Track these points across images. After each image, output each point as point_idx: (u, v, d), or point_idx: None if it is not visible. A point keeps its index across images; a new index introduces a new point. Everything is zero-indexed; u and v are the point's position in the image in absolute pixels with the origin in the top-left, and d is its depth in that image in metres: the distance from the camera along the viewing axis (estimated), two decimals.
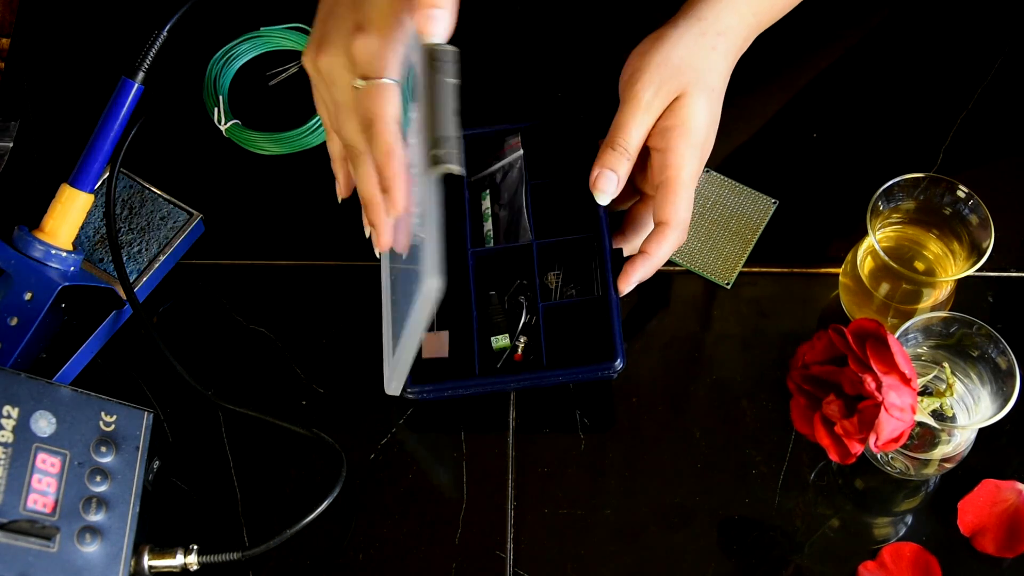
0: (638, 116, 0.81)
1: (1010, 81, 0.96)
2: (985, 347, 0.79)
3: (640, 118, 0.81)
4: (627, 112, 0.81)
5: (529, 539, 0.81)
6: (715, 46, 0.82)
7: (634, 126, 0.81)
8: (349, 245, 0.90)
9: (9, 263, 0.84)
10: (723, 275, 0.90)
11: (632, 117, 0.81)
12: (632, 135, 0.81)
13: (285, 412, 0.85)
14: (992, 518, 0.81)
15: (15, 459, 0.74)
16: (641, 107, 0.81)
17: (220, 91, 0.95)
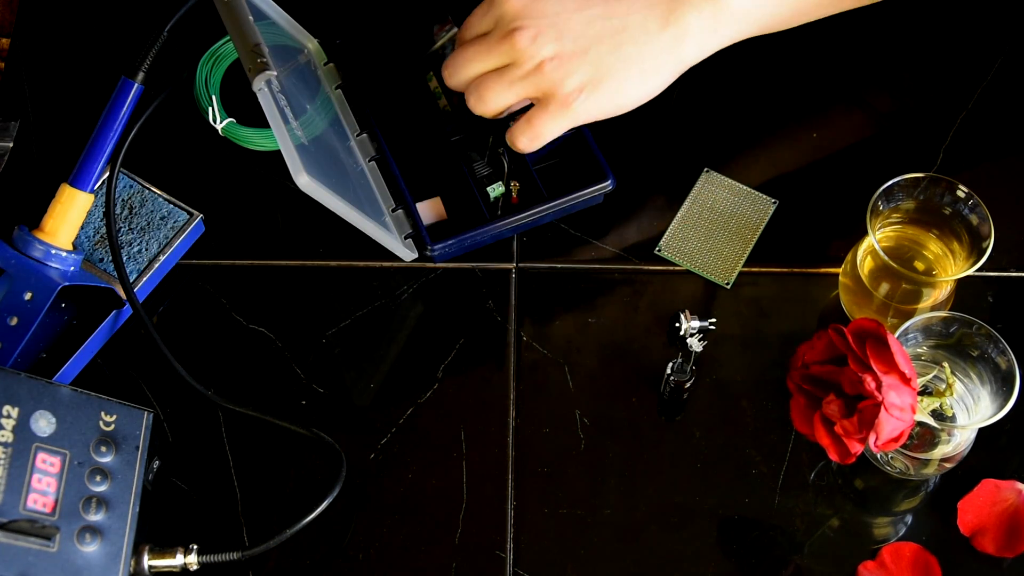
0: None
1: (1010, 81, 0.97)
2: (985, 347, 0.79)
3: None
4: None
5: (529, 539, 0.81)
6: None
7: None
8: (349, 245, 0.90)
9: (9, 263, 0.84)
10: (723, 275, 0.90)
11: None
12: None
13: (285, 412, 0.85)
14: (992, 518, 0.81)
15: (15, 459, 0.74)
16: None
17: (212, 90, 0.95)
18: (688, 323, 0.86)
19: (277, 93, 0.83)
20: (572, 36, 0.81)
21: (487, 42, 0.82)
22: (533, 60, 0.81)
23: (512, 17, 0.81)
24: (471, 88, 0.84)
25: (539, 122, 0.83)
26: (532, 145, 0.84)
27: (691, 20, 0.82)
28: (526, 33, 0.80)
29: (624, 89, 0.83)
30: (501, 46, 0.82)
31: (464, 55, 0.83)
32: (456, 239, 0.88)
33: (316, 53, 0.95)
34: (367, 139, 0.92)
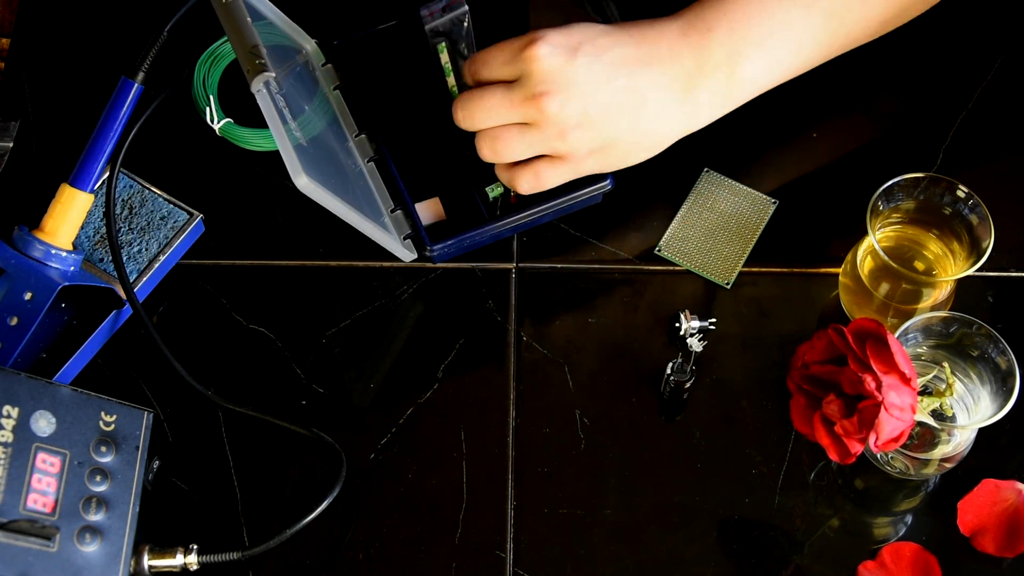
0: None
1: (1010, 81, 0.97)
2: (985, 347, 0.79)
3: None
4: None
5: (529, 539, 0.81)
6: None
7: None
8: (349, 245, 0.90)
9: (9, 263, 0.84)
10: (723, 275, 0.90)
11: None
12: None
13: (285, 412, 0.85)
14: (992, 518, 0.81)
15: (15, 459, 0.74)
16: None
17: (210, 91, 0.95)
18: (688, 323, 0.86)
19: (275, 94, 0.83)
20: (597, 107, 0.80)
21: (511, 97, 0.80)
22: (557, 127, 0.80)
23: (541, 79, 0.79)
24: (486, 137, 0.82)
25: (546, 175, 0.83)
26: (532, 191, 0.84)
27: (705, 94, 0.82)
28: (555, 99, 0.79)
29: (632, 154, 0.84)
30: (527, 107, 0.80)
31: (484, 103, 0.81)
32: (455, 239, 0.88)
33: (314, 54, 0.95)
34: (366, 140, 0.92)
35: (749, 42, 0.82)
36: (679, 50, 0.81)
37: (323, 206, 0.81)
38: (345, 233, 0.86)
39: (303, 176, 0.79)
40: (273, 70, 0.83)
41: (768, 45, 0.82)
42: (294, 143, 0.81)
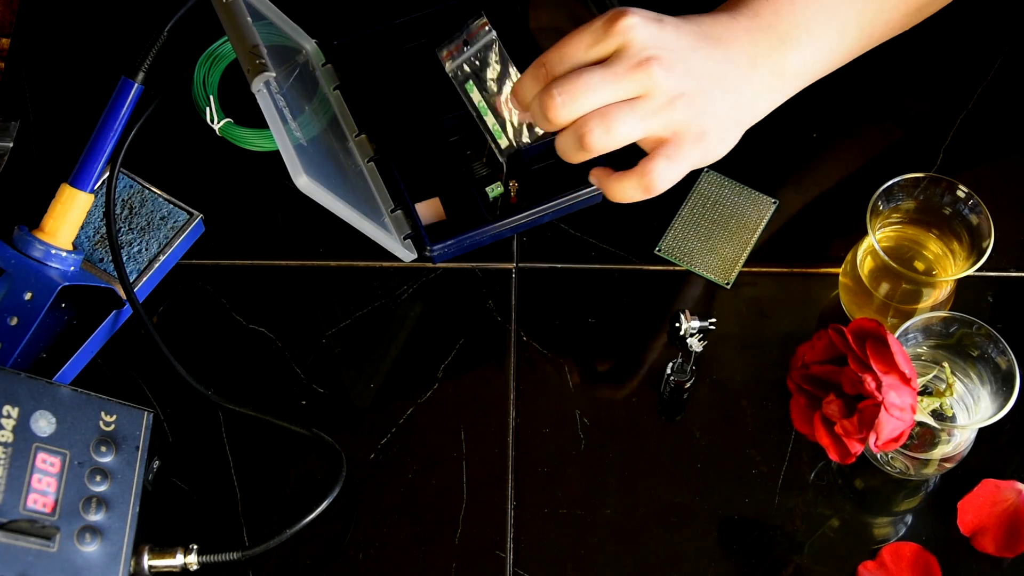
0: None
1: (1010, 81, 0.97)
2: (985, 347, 0.79)
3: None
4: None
5: (529, 539, 0.81)
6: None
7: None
8: (349, 245, 0.90)
9: (9, 263, 0.84)
10: (723, 275, 0.90)
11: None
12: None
13: (285, 412, 0.85)
14: (992, 518, 0.81)
15: (15, 459, 0.74)
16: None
17: (210, 90, 0.95)
18: (688, 323, 0.86)
19: (275, 94, 0.83)
20: (696, 74, 0.76)
21: (614, 70, 0.74)
22: (667, 94, 0.74)
23: (642, 46, 0.74)
24: (594, 119, 0.74)
25: (658, 170, 0.76)
26: (645, 196, 0.77)
27: (764, 75, 0.80)
28: (661, 64, 0.74)
29: (726, 134, 0.79)
30: (634, 75, 0.73)
31: (585, 82, 0.73)
32: (455, 239, 0.88)
33: (314, 54, 0.95)
34: (365, 140, 0.92)
35: (796, 24, 0.79)
36: (735, 32, 0.79)
37: (323, 206, 0.81)
38: (345, 233, 0.86)
39: (303, 176, 0.79)
40: (273, 70, 0.83)
41: (814, 30, 0.80)
42: (294, 143, 0.81)
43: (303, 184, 0.79)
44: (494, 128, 0.84)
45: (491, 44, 0.83)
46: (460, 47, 0.82)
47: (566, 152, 0.76)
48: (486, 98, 0.84)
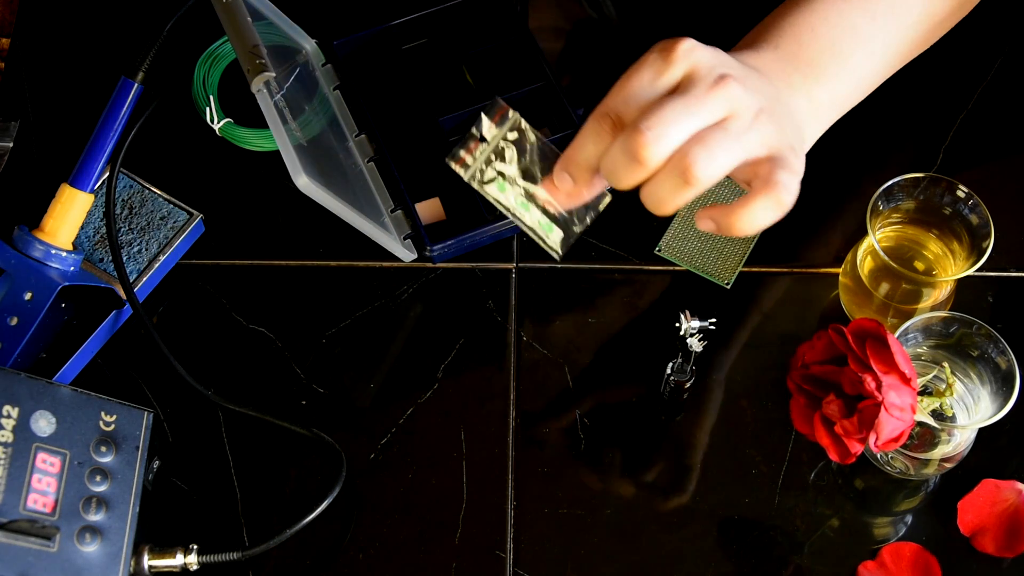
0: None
1: (1010, 81, 0.97)
2: (985, 347, 0.79)
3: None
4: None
5: (529, 539, 0.81)
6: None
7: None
8: (349, 245, 0.90)
9: (9, 263, 0.84)
10: (723, 275, 0.90)
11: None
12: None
13: (285, 412, 0.85)
14: (992, 518, 0.81)
15: (15, 459, 0.74)
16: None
17: (210, 90, 0.95)
18: (688, 323, 0.86)
19: (275, 94, 0.83)
20: (761, 93, 0.70)
21: (693, 93, 0.66)
22: (751, 109, 0.68)
23: (710, 66, 0.68)
24: (694, 148, 0.65)
25: (782, 178, 0.68)
26: (778, 214, 0.69)
27: (802, 103, 0.76)
28: (737, 80, 0.67)
29: (801, 161, 0.73)
30: (716, 94, 0.66)
31: (671, 110, 0.65)
32: (455, 239, 0.88)
33: (314, 54, 0.95)
34: (365, 140, 0.92)
35: (822, 50, 0.77)
36: (765, 62, 0.75)
37: (323, 206, 0.81)
38: (345, 233, 0.86)
39: (303, 176, 0.79)
40: (273, 70, 0.83)
41: (841, 52, 0.77)
42: (294, 143, 0.81)
43: (303, 184, 0.79)
44: (540, 226, 0.72)
45: (516, 129, 0.70)
46: (475, 147, 0.70)
47: (664, 198, 0.66)
48: (521, 193, 0.71)
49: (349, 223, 0.83)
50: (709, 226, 0.69)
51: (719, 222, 0.69)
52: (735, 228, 0.68)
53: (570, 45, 1.00)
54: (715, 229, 0.69)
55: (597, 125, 0.68)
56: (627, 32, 1.00)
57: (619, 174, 0.66)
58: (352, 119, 0.93)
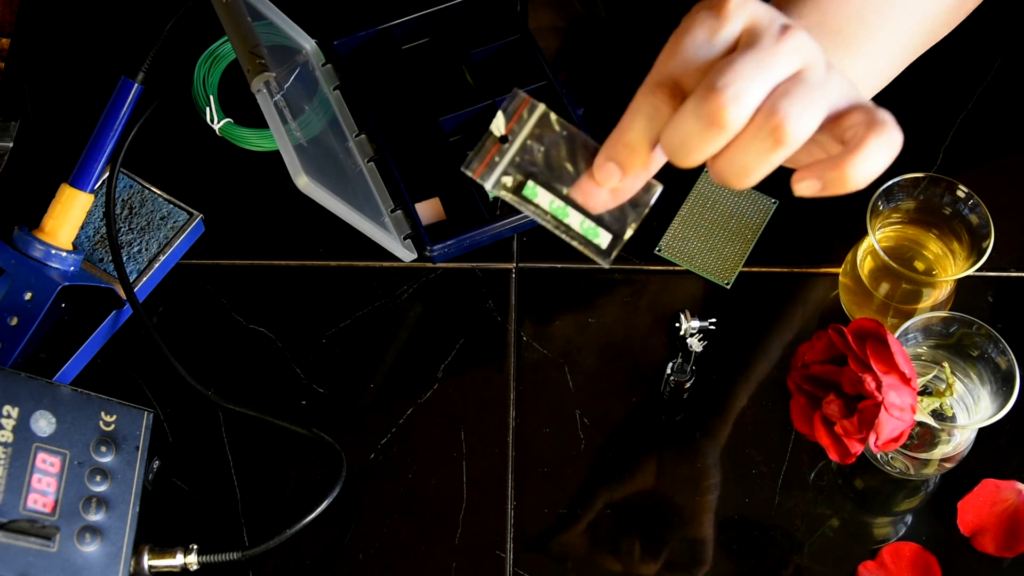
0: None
1: (1010, 81, 0.96)
2: (985, 347, 0.79)
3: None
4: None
5: (529, 539, 0.81)
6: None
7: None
8: (349, 245, 0.90)
9: (9, 263, 0.84)
10: (723, 275, 0.90)
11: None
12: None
13: (285, 412, 0.85)
14: (992, 518, 0.81)
15: (15, 459, 0.74)
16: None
17: (210, 90, 0.95)
18: (688, 323, 0.86)
19: (275, 94, 0.83)
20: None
21: (762, 46, 0.58)
22: (822, 58, 0.60)
23: (771, 15, 0.59)
24: (779, 105, 0.57)
25: (886, 116, 0.61)
26: (893, 154, 0.62)
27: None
28: (800, 28, 0.59)
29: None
30: (786, 44, 0.58)
31: (743, 65, 0.57)
32: (455, 239, 0.88)
33: (314, 54, 0.95)
34: (365, 140, 0.92)
35: (848, 19, 0.72)
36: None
37: (323, 206, 0.81)
38: (345, 233, 0.86)
39: (303, 176, 0.79)
40: (273, 70, 0.83)
41: (867, 22, 0.72)
42: (294, 143, 0.81)
43: (303, 184, 0.79)
44: (585, 230, 0.61)
45: (542, 122, 0.60)
46: (495, 150, 0.60)
47: (749, 166, 0.58)
48: (558, 195, 0.61)
49: (349, 223, 0.83)
50: (812, 188, 0.60)
51: (827, 178, 0.59)
52: (848, 180, 0.59)
53: (565, 44, 1.00)
54: (819, 190, 0.60)
55: (650, 97, 0.58)
56: (617, 32, 1.00)
57: (691, 146, 0.57)
58: (352, 119, 0.93)
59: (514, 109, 0.60)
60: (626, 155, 0.59)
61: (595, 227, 0.61)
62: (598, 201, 0.60)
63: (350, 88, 0.94)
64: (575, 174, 0.60)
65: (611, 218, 0.61)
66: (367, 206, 0.86)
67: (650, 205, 0.61)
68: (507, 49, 0.96)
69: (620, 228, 0.61)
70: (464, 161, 0.60)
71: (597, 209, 0.60)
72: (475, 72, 0.94)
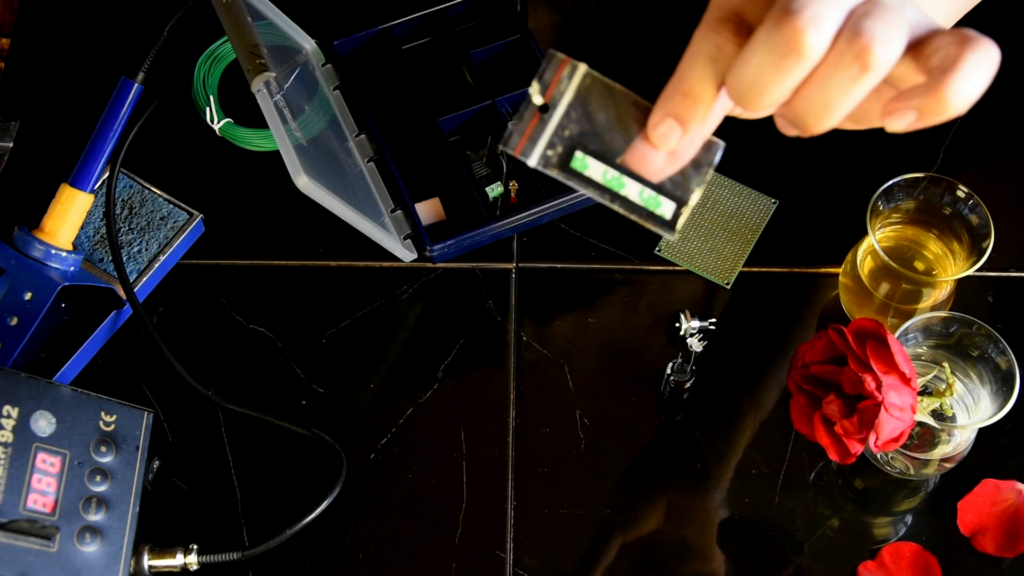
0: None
1: (1010, 81, 0.96)
2: (985, 347, 0.79)
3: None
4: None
5: (529, 539, 0.81)
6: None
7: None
8: (349, 245, 0.90)
9: (9, 263, 0.84)
10: (723, 275, 0.90)
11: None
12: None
13: (285, 412, 0.85)
14: (992, 518, 0.81)
15: (15, 459, 0.74)
16: None
17: (210, 90, 0.95)
18: (688, 323, 0.86)
19: (275, 94, 0.83)
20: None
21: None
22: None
23: None
24: (862, 26, 0.50)
25: (978, 35, 0.56)
26: (993, 71, 0.58)
27: None
28: None
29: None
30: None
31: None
32: (455, 239, 0.88)
33: (314, 54, 0.95)
34: (365, 140, 0.92)
35: None
36: None
37: (323, 206, 0.81)
38: (345, 233, 0.86)
39: (303, 176, 0.79)
40: (273, 70, 0.83)
41: None
42: (294, 143, 0.81)
43: (303, 184, 0.79)
44: (645, 201, 0.54)
45: (586, 84, 0.53)
46: (535, 121, 0.53)
47: (834, 98, 0.51)
48: (611, 164, 0.54)
49: (349, 223, 0.83)
50: (906, 120, 0.54)
51: (923, 106, 0.54)
52: (948, 103, 0.54)
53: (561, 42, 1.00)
54: (914, 121, 0.54)
55: (712, 35, 0.51)
56: (611, 29, 1.00)
57: (765, 82, 0.50)
58: (352, 119, 0.93)
59: (552, 72, 0.53)
60: (687, 106, 0.51)
61: (656, 196, 0.54)
62: (656, 166, 0.53)
63: (350, 88, 0.94)
64: (628, 138, 0.53)
65: (672, 184, 0.54)
66: (367, 206, 0.86)
67: (714, 164, 0.54)
68: (507, 49, 0.96)
69: (683, 194, 0.54)
70: (502, 137, 0.54)
71: (655, 176, 0.53)
72: (475, 72, 0.94)
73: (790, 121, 0.53)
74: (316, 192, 0.80)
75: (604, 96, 0.53)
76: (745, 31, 0.51)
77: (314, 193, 0.80)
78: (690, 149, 0.53)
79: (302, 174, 0.78)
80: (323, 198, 0.80)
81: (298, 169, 0.79)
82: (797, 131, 0.54)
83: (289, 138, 0.80)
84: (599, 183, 0.53)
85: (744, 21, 0.51)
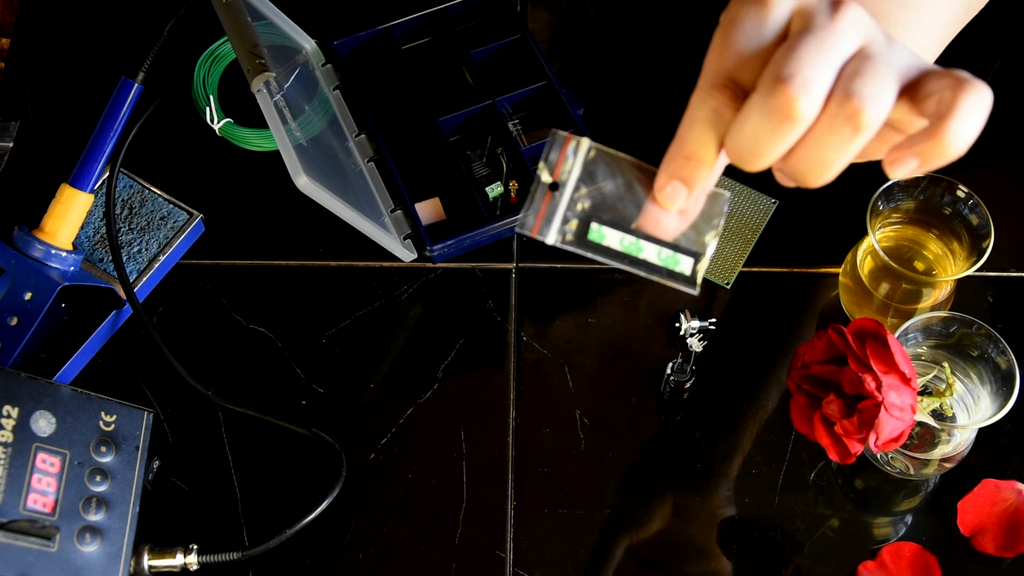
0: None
1: (1010, 81, 0.96)
2: (985, 347, 0.79)
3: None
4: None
5: (529, 539, 0.81)
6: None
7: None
8: (349, 245, 0.90)
9: (9, 263, 0.84)
10: (723, 275, 0.90)
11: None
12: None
13: (285, 412, 0.85)
14: (992, 518, 0.81)
15: (15, 459, 0.74)
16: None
17: (210, 90, 0.95)
18: (688, 323, 0.86)
19: (275, 94, 0.83)
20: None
21: (818, 25, 0.53)
22: (880, 31, 0.55)
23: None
24: (852, 87, 0.52)
25: (971, 78, 0.55)
26: (986, 115, 0.57)
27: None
28: (853, 3, 0.54)
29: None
30: (843, 22, 0.53)
31: (805, 52, 0.52)
32: (455, 239, 0.88)
33: (314, 54, 0.95)
34: (365, 140, 0.92)
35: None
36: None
37: (323, 206, 0.81)
38: (345, 233, 0.86)
39: (303, 176, 0.79)
40: (273, 70, 0.83)
41: (906, 5, 0.69)
42: (294, 143, 0.81)
43: (303, 184, 0.79)
44: (664, 261, 0.56)
45: (591, 157, 0.56)
46: (547, 200, 0.55)
47: (829, 158, 0.55)
48: (626, 231, 0.56)
49: (349, 223, 0.83)
50: (909, 167, 0.56)
51: (924, 152, 0.56)
52: (948, 148, 0.56)
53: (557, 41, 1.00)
54: (917, 167, 0.56)
55: (708, 100, 0.54)
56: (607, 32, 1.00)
57: (762, 145, 0.52)
58: (352, 119, 0.93)
59: (558, 151, 0.55)
60: (691, 168, 0.54)
61: (674, 254, 0.56)
62: (668, 226, 0.56)
63: (350, 88, 0.94)
64: (638, 204, 0.55)
65: (687, 240, 0.56)
66: (367, 206, 0.86)
67: (725, 215, 0.56)
68: (507, 49, 0.96)
69: (699, 248, 0.56)
70: (519, 220, 0.55)
71: (669, 235, 0.56)
72: (475, 72, 0.94)
73: (789, 176, 0.55)
74: (316, 192, 0.80)
75: (610, 166, 0.55)
76: (741, 94, 0.53)
77: (314, 193, 0.80)
78: (697, 205, 0.56)
79: (302, 174, 0.79)
80: (323, 198, 0.80)
81: (298, 169, 0.79)
82: (797, 184, 0.56)
83: (289, 138, 0.80)
84: (618, 251, 0.55)
85: (739, 85, 0.53)
